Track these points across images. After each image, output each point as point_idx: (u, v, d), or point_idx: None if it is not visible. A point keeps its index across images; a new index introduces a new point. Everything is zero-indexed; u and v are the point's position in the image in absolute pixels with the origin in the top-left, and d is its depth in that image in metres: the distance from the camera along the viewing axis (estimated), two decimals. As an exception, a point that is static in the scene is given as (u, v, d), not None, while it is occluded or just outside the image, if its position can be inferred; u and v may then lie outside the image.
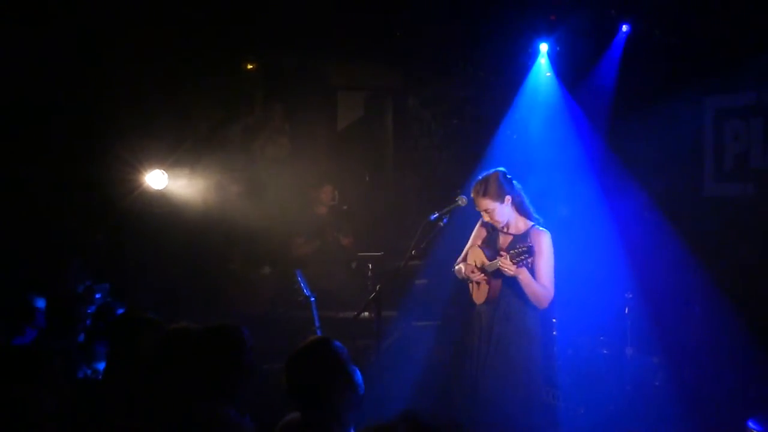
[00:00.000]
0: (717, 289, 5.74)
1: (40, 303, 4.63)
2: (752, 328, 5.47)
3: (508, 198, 4.43)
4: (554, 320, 6.08)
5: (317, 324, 5.82)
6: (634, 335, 5.75)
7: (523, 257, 4.17)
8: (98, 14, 6.37)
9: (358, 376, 2.85)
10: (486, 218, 4.49)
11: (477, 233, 4.73)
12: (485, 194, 4.41)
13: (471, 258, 4.64)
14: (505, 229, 4.47)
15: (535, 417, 4.44)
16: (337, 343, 2.90)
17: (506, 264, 4.22)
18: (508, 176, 4.50)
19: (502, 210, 4.43)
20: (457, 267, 4.74)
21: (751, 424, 4.33)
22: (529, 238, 4.40)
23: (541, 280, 4.33)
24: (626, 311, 5.77)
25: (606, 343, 5.93)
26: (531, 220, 4.50)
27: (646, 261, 6.12)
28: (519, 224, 4.49)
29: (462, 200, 4.57)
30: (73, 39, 6.39)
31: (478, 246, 4.62)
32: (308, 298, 5.83)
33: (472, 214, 4.67)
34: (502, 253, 4.35)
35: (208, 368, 3.02)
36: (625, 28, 6.63)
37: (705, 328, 5.68)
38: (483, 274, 4.46)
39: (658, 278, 6.02)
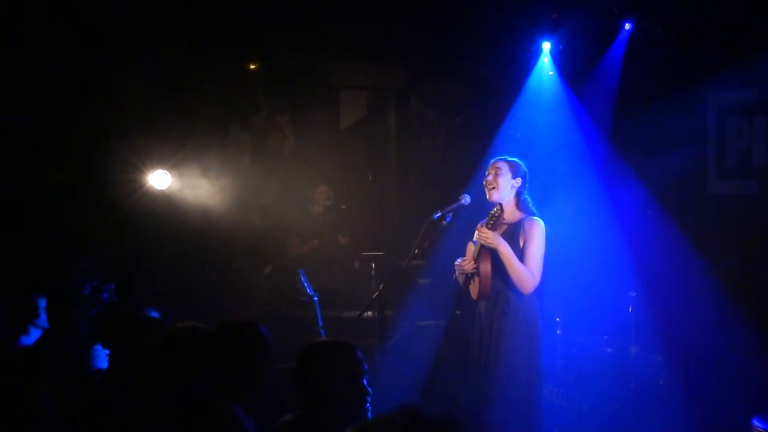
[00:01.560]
0: (721, 287, 5.73)
1: (45, 302, 4.63)
2: (756, 326, 5.45)
3: (518, 180, 4.54)
4: (558, 319, 6.08)
5: (320, 324, 5.82)
6: (638, 334, 5.74)
7: (494, 218, 4.31)
8: (101, 13, 6.37)
9: (368, 403, 2.74)
10: (488, 178, 4.53)
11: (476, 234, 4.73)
12: (505, 161, 4.57)
13: (467, 254, 4.66)
14: (503, 218, 4.46)
15: (539, 416, 4.44)
16: (360, 355, 2.79)
17: (482, 232, 4.35)
18: (528, 177, 4.62)
19: (507, 183, 4.52)
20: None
21: (755, 422, 4.32)
22: (523, 227, 4.44)
23: (527, 263, 4.37)
24: (630, 310, 5.76)
25: (610, 341, 5.93)
26: (525, 214, 4.55)
27: (650, 259, 6.10)
28: (515, 214, 4.54)
29: (465, 199, 4.59)
30: (76, 38, 6.39)
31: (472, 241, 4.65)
32: (311, 297, 5.83)
33: (476, 213, 4.67)
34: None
35: (224, 364, 2.99)
36: (627, 26, 6.61)
37: (709, 325, 5.66)
38: (473, 263, 4.49)
39: (662, 276, 6.00)
